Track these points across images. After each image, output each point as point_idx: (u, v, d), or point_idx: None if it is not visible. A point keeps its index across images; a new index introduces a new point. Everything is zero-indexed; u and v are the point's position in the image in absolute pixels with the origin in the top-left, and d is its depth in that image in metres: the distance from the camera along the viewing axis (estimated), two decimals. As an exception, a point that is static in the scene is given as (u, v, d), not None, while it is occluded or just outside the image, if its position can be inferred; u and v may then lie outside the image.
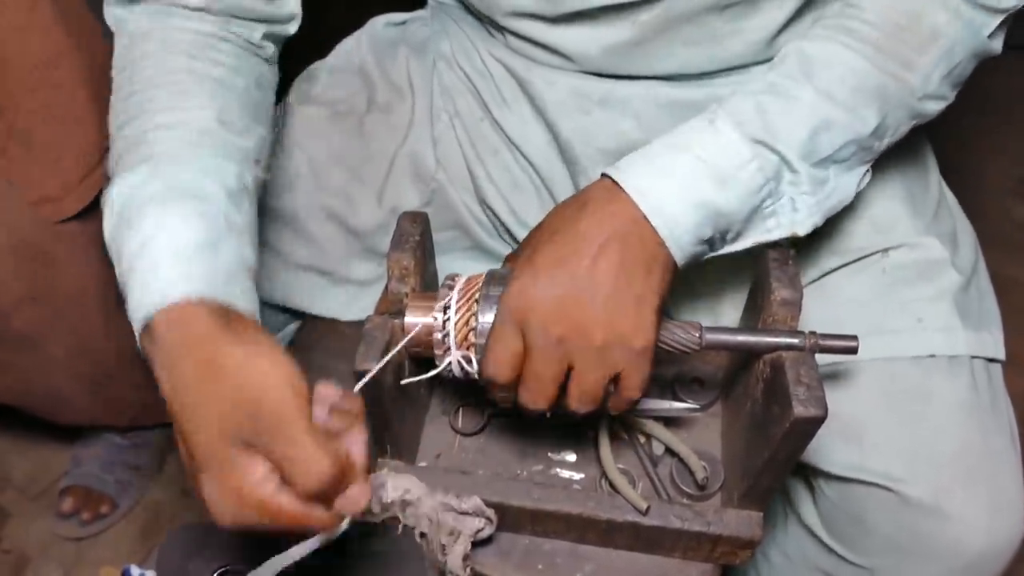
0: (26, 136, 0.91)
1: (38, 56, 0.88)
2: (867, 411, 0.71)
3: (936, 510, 0.68)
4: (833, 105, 0.60)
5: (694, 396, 0.73)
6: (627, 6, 0.68)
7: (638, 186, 0.56)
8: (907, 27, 0.61)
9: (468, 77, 0.82)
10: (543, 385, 0.57)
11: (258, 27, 0.69)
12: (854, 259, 0.75)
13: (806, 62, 0.61)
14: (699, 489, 0.69)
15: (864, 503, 0.71)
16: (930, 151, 0.83)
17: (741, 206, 0.58)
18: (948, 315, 0.72)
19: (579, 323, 0.55)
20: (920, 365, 0.71)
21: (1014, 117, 1.96)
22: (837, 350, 0.59)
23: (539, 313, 0.55)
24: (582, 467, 0.72)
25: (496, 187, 0.82)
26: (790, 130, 0.58)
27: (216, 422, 0.48)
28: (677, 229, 0.56)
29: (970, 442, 0.69)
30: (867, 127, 0.61)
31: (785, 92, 0.60)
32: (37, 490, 1.40)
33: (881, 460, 0.70)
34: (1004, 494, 0.69)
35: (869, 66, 0.61)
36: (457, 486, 0.67)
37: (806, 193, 0.60)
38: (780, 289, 0.61)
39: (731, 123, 0.59)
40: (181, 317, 0.50)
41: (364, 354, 0.59)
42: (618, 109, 0.75)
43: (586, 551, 0.69)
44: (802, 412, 0.54)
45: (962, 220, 0.82)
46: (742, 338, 0.60)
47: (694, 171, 0.57)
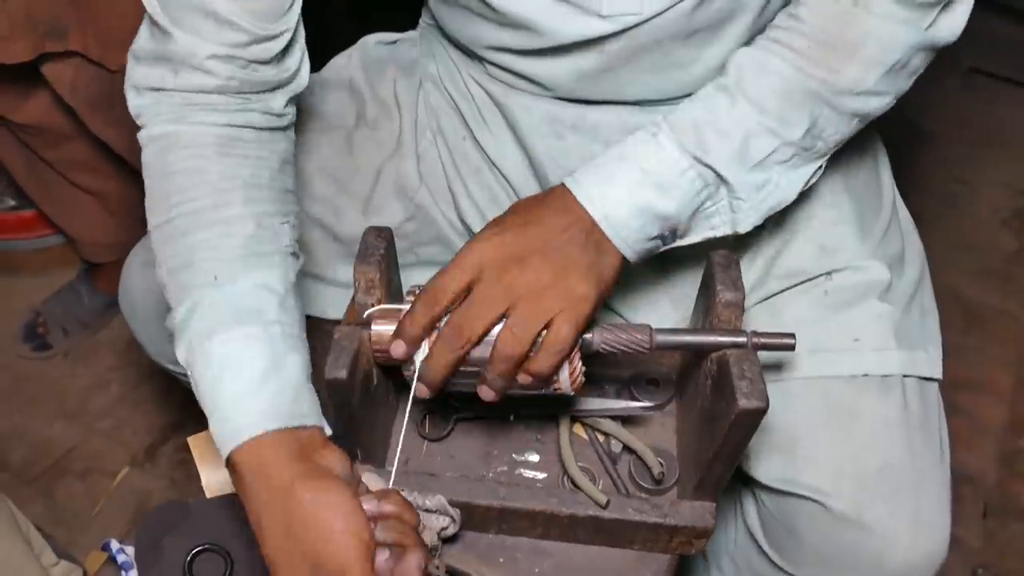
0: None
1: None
2: (801, 426, 0.74)
3: (858, 524, 0.71)
4: (762, 114, 0.65)
5: (650, 396, 0.77)
6: (596, 39, 0.71)
7: (589, 194, 0.64)
8: (836, 34, 0.64)
9: (452, 98, 0.86)
10: (471, 323, 0.60)
11: (277, 94, 0.70)
12: (800, 281, 0.78)
13: (740, 73, 0.66)
14: (656, 484, 0.72)
15: (796, 515, 0.75)
16: (890, 177, 0.86)
17: (682, 209, 0.65)
18: (884, 336, 0.75)
19: (531, 273, 0.60)
20: (853, 384, 0.74)
21: (1014, 150, 1.99)
22: (776, 347, 0.63)
23: (497, 259, 0.61)
24: (545, 467, 0.75)
25: (475, 204, 0.85)
26: (721, 145, 0.65)
27: (293, 571, 0.56)
28: (623, 231, 0.64)
29: (895, 459, 0.72)
30: (798, 131, 0.66)
31: (719, 107, 0.66)
32: (33, 474, 1.44)
33: (811, 474, 0.73)
34: (928, 511, 0.71)
35: (795, 73, 0.65)
36: (425, 488, 0.69)
37: (741, 199, 0.66)
38: (724, 292, 0.65)
39: (672, 138, 0.65)
40: (259, 461, 0.58)
41: (334, 362, 0.62)
42: (589, 134, 0.79)
43: (547, 547, 0.72)
44: (745, 404, 0.58)
45: (912, 239, 0.85)
46: (689, 338, 0.64)
47: (639, 180, 0.64)
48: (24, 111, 1.30)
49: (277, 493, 0.56)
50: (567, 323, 0.60)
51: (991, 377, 1.59)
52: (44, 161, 1.40)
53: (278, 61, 0.68)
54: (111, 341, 1.63)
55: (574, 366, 0.63)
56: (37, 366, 1.59)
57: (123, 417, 1.52)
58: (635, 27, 0.70)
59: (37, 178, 1.45)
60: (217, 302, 0.61)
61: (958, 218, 1.86)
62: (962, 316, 1.67)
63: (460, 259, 0.62)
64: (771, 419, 0.75)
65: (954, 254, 1.77)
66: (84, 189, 1.45)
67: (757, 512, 0.81)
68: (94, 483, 1.43)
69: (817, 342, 0.75)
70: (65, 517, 1.39)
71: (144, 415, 1.53)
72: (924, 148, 1.99)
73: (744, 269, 0.78)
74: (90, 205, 1.48)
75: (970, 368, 1.57)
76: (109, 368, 1.59)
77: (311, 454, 0.58)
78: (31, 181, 1.46)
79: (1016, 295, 1.72)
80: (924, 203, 1.86)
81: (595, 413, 0.76)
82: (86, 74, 1.20)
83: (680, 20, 0.70)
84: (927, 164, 1.96)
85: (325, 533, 0.54)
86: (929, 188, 1.91)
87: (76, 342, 1.62)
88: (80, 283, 1.65)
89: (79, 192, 1.45)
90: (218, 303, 0.61)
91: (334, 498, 0.55)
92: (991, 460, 1.47)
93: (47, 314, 1.62)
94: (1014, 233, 1.84)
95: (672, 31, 0.71)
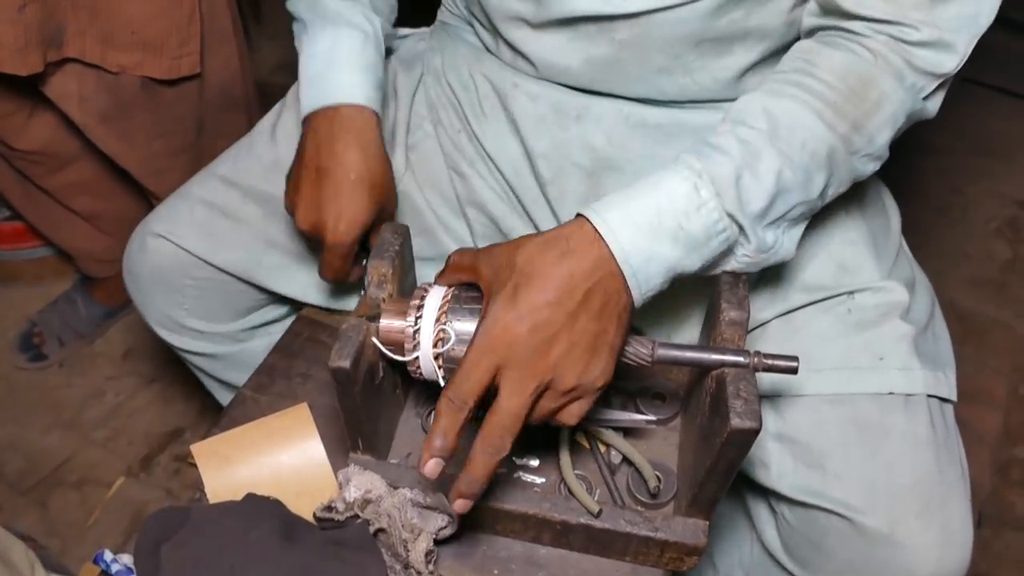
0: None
1: None
2: (829, 441, 0.75)
3: (890, 539, 0.71)
4: (792, 171, 0.63)
5: (655, 410, 0.77)
6: (606, 18, 0.73)
7: (623, 248, 0.60)
8: (859, 91, 0.64)
9: (453, 90, 0.88)
10: (508, 422, 0.59)
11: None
12: (821, 298, 0.78)
13: (774, 123, 0.64)
14: (652, 497, 0.72)
15: (823, 530, 0.75)
16: (894, 205, 0.88)
17: (702, 267, 0.64)
18: (907, 355, 0.75)
19: (556, 371, 0.59)
20: (879, 401, 0.74)
21: (1011, 161, 2.01)
22: (779, 369, 0.62)
23: (520, 357, 0.58)
24: (544, 472, 0.76)
25: (473, 194, 0.87)
26: (754, 202, 0.62)
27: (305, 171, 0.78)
28: (645, 286, 0.62)
29: (925, 476, 0.72)
30: (816, 189, 0.65)
31: (754, 159, 0.63)
32: (27, 485, 1.43)
33: (840, 489, 0.73)
34: (954, 525, 0.72)
35: (825, 130, 0.64)
36: (423, 483, 0.70)
37: (748, 255, 0.65)
38: (729, 310, 0.65)
39: (713, 192, 0.61)
40: (360, 111, 0.79)
41: (339, 351, 0.63)
42: (592, 124, 0.80)
43: (541, 558, 0.73)
44: (738, 424, 0.58)
45: (919, 272, 0.86)
46: (691, 355, 0.64)
47: (673, 237, 0.61)
48: (29, 136, 1.29)
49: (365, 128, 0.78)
50: (583, 408, 0.62)
51: (986, 386, 1.60)
52: (41, 189, 1.40)
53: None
54: (107, 351, 1.63)
55: None
56: (32, 376, 1.59)
57: (119, 427, 1.52)
58: (646, 15, 0.71)
59: (33, 204, 1.45)
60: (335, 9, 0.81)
61: (952, 228, 1.87)
62: (957, 326, 1.67)
63: (482, 352, 0.58)
64: (798, 434, 0.76)
65: (949, 264, 1.79)
66: (80, 213, 1.45)
67: (776, 527, 0.81)
68: (89, 494, 1.43)
69: (843, 359, 0.75)
70: (60, 528, 1.38)
71: (140, 425, 1.52)
72: (918, 158, 2.00)
73: (764, 282, 0.79)
74: (86, 227, 1.48)
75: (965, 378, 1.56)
76: (105, 378, 1.59)
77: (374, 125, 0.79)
78: (27, 206, 1.46)
79: (1011, 304, 1.73)
80: (919, 213, 1.88)
81: (597, 422, 0.76)
82: (90, 83, 1.20)
83: (693, 22, 0.71)
84: (921, 174, 1.97)
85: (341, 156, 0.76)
86: (924, 198, 1.92)
87: (72, 352, 1.62)
88: (76, 293, 1.65)
89: (76, 216, 1.46)
90: (344, 9, 0.81)
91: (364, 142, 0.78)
92: (986, 469, 1.48)
93: (43, 324, 1.62)
94: (1008, 243, 1.85)
95: (684, 32, 0.72)
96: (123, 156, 1.29)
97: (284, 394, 0.86)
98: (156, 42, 1.17)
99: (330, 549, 0.67)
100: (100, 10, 1.13)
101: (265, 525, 0.67)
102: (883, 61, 0.65)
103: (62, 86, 1.19)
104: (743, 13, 0.72)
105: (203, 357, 1.02)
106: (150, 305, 0.97)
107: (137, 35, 1.15)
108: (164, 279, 0.93)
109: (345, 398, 0.65)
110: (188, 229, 0.91)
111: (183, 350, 1.01)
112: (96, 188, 1.41)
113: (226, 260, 0.91)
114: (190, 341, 0.99)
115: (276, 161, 0.91)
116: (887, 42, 0.65)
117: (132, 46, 1.16)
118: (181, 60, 1.20)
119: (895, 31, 0.65)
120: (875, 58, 0.65)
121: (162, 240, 0.91)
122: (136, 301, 0.98)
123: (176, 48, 1.19)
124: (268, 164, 0.92)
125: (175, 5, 1.15)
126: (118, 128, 1.25)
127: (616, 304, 0.60)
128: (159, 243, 0.91)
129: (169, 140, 1.30)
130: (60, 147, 1.32)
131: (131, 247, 0.95)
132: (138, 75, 1.19)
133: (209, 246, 0.91)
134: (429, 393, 0.80)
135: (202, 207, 0.92)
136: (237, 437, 0.77)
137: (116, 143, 1.27)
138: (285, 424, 0.78)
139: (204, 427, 1.50)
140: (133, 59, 1.17)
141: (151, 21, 1.15)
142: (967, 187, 1.95)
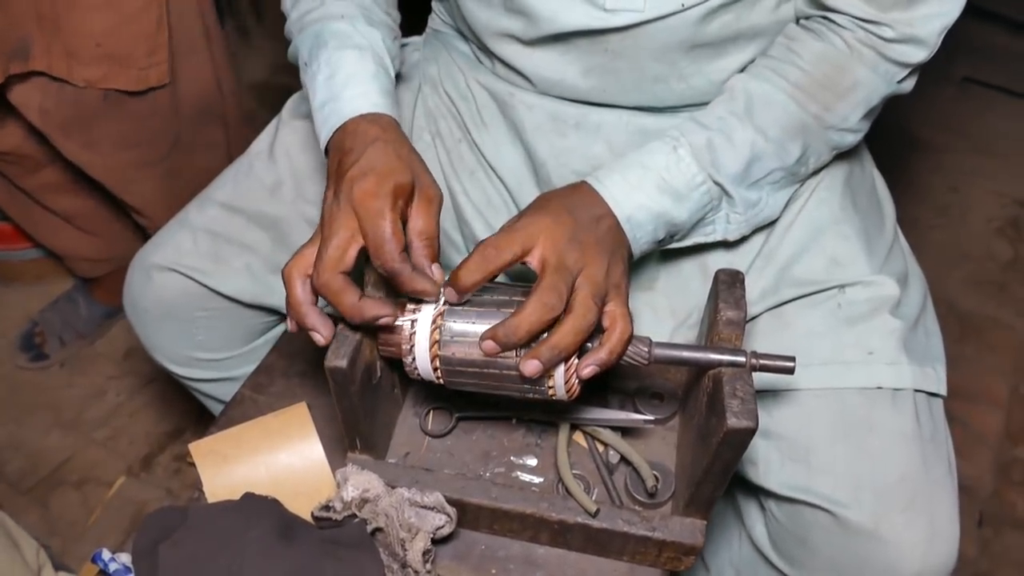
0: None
1: None
2: (816, 436, 0.75)
3: (875, 535, 0.71)
4: (766, 141, 0.73)
5: (653, 409, 0.77)
6: (597, 33, 0.73)
7: (614, 196, 0.69)
8: (832, 76, 0.73)
9: (451, 100, 0.88)
10: (555, 298, 0.60)
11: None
12: (812, 291, 0.79)
13: (750, 102, 0.73)
14: (649, 497, 0.72)
15: (808, 525, 0.75)
16: (889, 198, 0.88)
17: (690, 217, 0.72)
18: (896, 350, 0.76)
19: (589, 257, 0.63)
20: (867, 396, 0.75)
21: (1012, 161, 2.00)
22: (775, 369, 0.62)
23: (557, 238, 0.63)
24: (542, 471, 0.76)
25: (473, 205, 0.87)
26: (729, 165, 0.72)
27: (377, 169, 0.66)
28: (639, 232, 0.70)
29: (911, 471, 0.72)
30: (791, 157, 0.74)
31: (730, 131, 0.72)
32: (28, 484, 1.44)
33: (826, 484, 0.73)
34: (940, 521, 0.72)
35: (797, 108, 0.73)
36: (421, 482, 0.71)
37: (738, 212, 0.75)
38: (726, 310, 0.65)
39: (690, 153, 0.72)
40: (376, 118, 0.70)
41: (335, 351, 0.63)
42: (591, 134, 0.80)
43: (539, 558, 0.73)
44: (735, 423, 0.58)
45: (913, 265, 0.86)
46: (688, 354, 0.64)
47: (659, 188, 0.70)
48: (1, 139, 1.28)
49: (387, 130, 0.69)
50: (623, 333, 0.62)
51: (987, 386, 1.59)
52: (22, 190, 1.40)
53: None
54: (108, 351, 1.63)
55: (571, 371, 0.63)
56: (33, 376, 1.59)
57: (119, 427, 1.52)
58: (638, 27, 0.72)
59: (18, 205, 1.45)
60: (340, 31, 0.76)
61: (952, 227, 1.87)
62: (957, 325, 1.67)
63: (518, 229, 0.64)
64: (785, 429, 0.76)
65: (948, 263, 1.78)
66: (62, 214, 1.44)
67: (765, 523, 0.81)
68: (90, 493, 1.43)
69: (832, 354, 0.76)
70: (60, 527, 1.38)
71: (141, 425, 1.53)
72: (918, 157, 2.00)
73: (756, 276, 0.80)
74: (70, 228, 1.48)
75: (966, 378, 1.58)
76: (106, 378, 1.59)
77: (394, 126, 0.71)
78: (12, 207, 1.46)
79: (1011, 304, 1.73)
80: (918, 212, 1.87)
81: (595, 422, 0.76)
82: (54, 96, 1.17)
83: (685, 29, 0.72)
84: (921, 173, 1.97)
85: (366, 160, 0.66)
86: (923, 197, 1.92)
87: (73, 352, 1.62)
88: (77, 293, 1.65)
89: (57, 217, 1.45)
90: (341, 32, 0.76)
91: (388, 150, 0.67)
92: (987, 469, 1.47)
93: (44, 324, 1.62)
94: (1008, 242, 1.85)
95: (676, 40, 0.73)
96: (90, 166, 1.27)
97: (283, 393, 0.86)
98: (122, 53, 1.14)
99: (328, 548, 0.67)
100: (64, 23, 1.10)
101: (263, 524, 0.67)
102: (857, 53, 0.72)
103: (25, 96, 1.17)
104: (733, 16, 0.73)
105: (213, 383, 1.00)
106: (159, 341, 0.94)
107: (103, 47, 1.12)
108: (173, 313, 0.91)
109: (342, 398, 0.65)
110: (195, 259, 0.89)
111: (192, 379, 1.00)
112: (74, 189, 1.39)
113: (237, 289, 0.89)
114: (200, 372, 0.98)
115: (277, 182, 0.90)
116: (864, 36, 0.71)
117: (98, 59, 1.13)
118: (149, 70, 1.17)
119: (872, 28, 0.71)
120: (850, 50, 0.72)
121: (168, 272, 0.89)
122: (143, 337, 0.95)
123: (144, 58, 1.16)
124: (270, 186, 0.91)
125: (141, 14, 1.12)
126: (81, 138, 1.22)
127: (622, 247, 0.68)
128: (166, 276, 0.89)
129: (140, 151, 1.26)
130: (33, 149, 1.30)
131: (132, 280, 0.92)
132: (104, 88, 1.16)
133: (218, 276, 0.89)
134: (428, 392, 0.80)
135: (205, 236, 0.89)
136: (235, 436, 0.77)
137: (80, 153, 1.24)
138: (284, 423, 0.78)
139: (205, 427, 1.50)
140: (99, 72, 1.14)
141: (117, 32, 1.12)
142: (967, 186, 1.95)
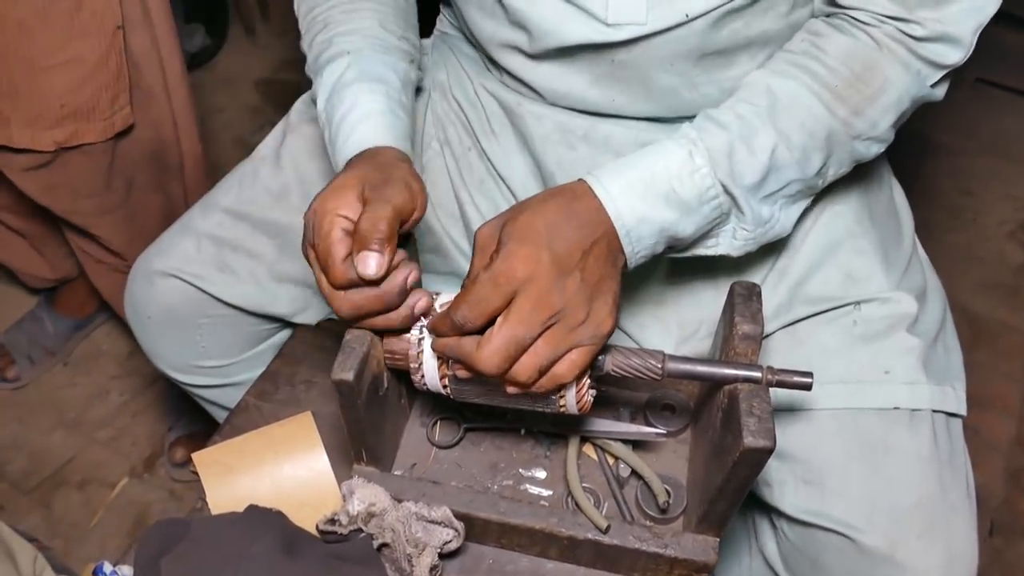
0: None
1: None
2: (830, 458, 0.73)
3: (891, 560, 0.69)
4: (788, 148, 0.65)
5: (664, 422, 0.76)
6: (603, 46, 0.71)
7: (616, 206, 0.62)
8: (862, 77, 0.66)
9: (460, 107, 0.86)
10: (513, 348, 0.57)
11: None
12: (827, 308, 0.77)
13: (773, 101, 0.66)
14: (661, 512, 0.71)
15: (822, 548, 0.73)
16: (907, 208, 0.86)
17: (696, 231, 0.65)
18: (914, 369, 0.73)
19: (567, 305, 0.58)
20: (884, 417, 0.73)
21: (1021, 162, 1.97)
22: (792, 385, 0.60)
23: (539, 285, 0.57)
24: (551, 484, 0.75)
25: (481, 215, 0.85)
26: (747, 174, 0.65)
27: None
28: (638, 245, 0.63)
29: (928, 495, 0.71)
30: (813, 169, 0.67)
31: (751, 134, 0.65)
32: (31, 485, 1.43)
33: (841, 508, 0.71)
34: (958, 546, 0.70)
35: (825, 112, 0.66)
36: (428, 495, 0.69)
37: (746, 229, 0.67)
38: (742, 324, 0.63)
39: (707, 160, 0.64)
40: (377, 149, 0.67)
41: (342, 363, 0.61)
42: (601, 146, 0.78)
43: (548, 573, 0.71)
44: (751, 443, 0.56)
45: (932, 278, 0.84)
46: (702, 369, 0.62)
47: (665, 199, 0.63)
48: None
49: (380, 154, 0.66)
50: (587, 355, 0.59)
51: (998, 393, 1.57)
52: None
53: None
54: (111, 350, 1.62)
55: (582, 387, 0.62)
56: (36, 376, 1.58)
57: (122, 427, 1.51)
58: (643, 40, 0.70)
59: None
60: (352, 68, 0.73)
61: (964, 230, 1.85)
62: (969, 331, 1.65)
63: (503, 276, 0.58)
64: (798, 450, 0.74)
65: (960, 267, 1.76)
66: (12, 228, 1.43)
67: (777, 544, 0.80)
68: (92, 494, 1.42)
69: (847, 372, 0.74)
70: (63, 528, 1.38)
71: (143, 425, 1.52)
72: (930, 159, 1.98)
73: (769, 293, 0.77)
74: (20, 242, 1.46)
75: (977, 384, 1.54)
76: (109, 377, 1.58)
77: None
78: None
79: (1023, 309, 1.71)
80: (931, 215, 1.85)
81: (605, 435, 0.74)
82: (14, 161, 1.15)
83: (691, 39, 0.70)
84: (933, 175, 1.95)
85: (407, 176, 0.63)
86: (935, 200, 1.90)
87: (43, 371, 1.59)
88: (41, 311, 1.62)
89: (8, 231, 1.44)
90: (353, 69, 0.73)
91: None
92: (998, 477, 1.46)
93: (10, 345, 1.59)
94: (1021, 246, 1.83)
95: (684, 50, 0.70)
96: (52, 207, 1.24)
97: (288, 401, 0.85)
98: (87, 108, 1.11)
99: (333, 564, 0.66)
100: (23, 91, 1.07)
101: (266, 538, 0.66)
102: (887, 50, 0.66)
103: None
104: (743, 24, 0.70)
105: (215, 389, 0.99)
106: (163, 349, 0.93)
107: (67, 106, 1.09)
108: (176, 319, 0.90)
109: (348, 410, 0.64)
110: (199, 266, 0.87)
111: (195, 385, 0.98)
112: (19, 210, 1.37)
113: (241, 297, 0.88)
114: (204, 379, 0.97)
115: (284, 188, 0.89)
116: (893, 32, 0.66)
117: (63, 119, 1.10)
118: (114, 117, 1.14)
119: (900, 25, 0.65)
120: (879, 47, 0.66)
121: (171, 279, 0.88)
122: (145, 345, 0.94)
123: (107, 108, 1.13)
124: (276, 192, 0.89)
125: (101, 67, 1.09)
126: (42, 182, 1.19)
127: (617, 258, 0.62)
128: (169, 282, 0.88)
129: (98, 200, 1.23)
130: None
131: (133, 286, 0.91)
132: (74, 144, 1.13)
133: (223, 283, 0.88)
134: (435, 403, 0.79)
135: (210, 242, 0.88)
136: (239, 446, 0.76)
137: (41, 195, 1.21)
138: (288, 433, 0.76)
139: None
140: (66, 132, 1.11)
141: (79, 88, 1.09)
142: (979, 189, 1.93)
